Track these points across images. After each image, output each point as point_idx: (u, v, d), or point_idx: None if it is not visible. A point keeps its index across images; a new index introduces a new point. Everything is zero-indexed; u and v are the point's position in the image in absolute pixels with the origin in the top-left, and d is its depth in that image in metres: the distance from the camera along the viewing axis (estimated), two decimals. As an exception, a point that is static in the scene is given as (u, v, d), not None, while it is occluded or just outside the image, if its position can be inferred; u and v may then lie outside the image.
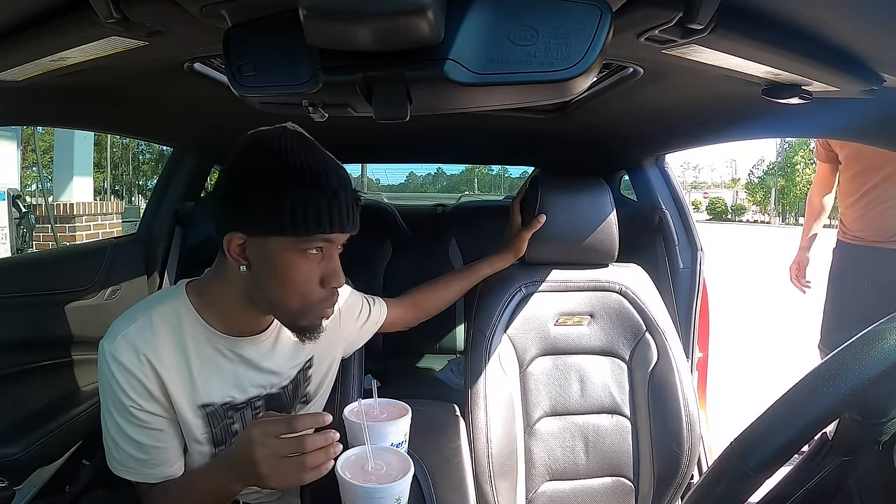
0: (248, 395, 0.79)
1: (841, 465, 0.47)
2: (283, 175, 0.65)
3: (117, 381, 0.70)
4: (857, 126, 0.81)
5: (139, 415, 0.71)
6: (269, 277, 0.69)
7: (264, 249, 0.68)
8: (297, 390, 0.86)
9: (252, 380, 0.79)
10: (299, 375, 0.85)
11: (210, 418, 0.76)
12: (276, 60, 0.54)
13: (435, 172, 8.44)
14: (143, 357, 0.70)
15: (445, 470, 0.88)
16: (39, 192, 5.41)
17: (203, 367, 0.74)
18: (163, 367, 0.71)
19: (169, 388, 0.72)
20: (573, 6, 0.47)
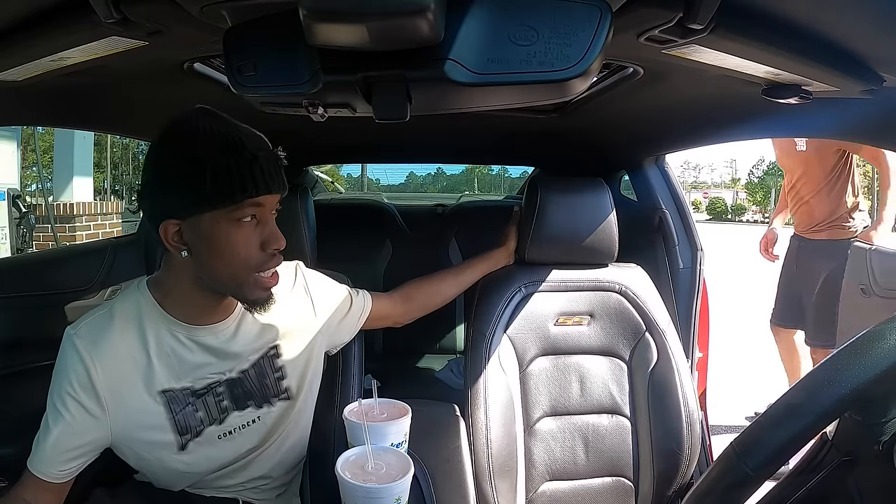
0: (208, 381, 0.79)
1: (841, 465, 0.47)
2: (200, 150, 0.66)
3: (66, 363, 0.73)
4: (857, 126, 0.81)
5: (69, 403, 0.72)
6: (211, 255, 0.70)
7: (199, 229, 0.69)
8: (265, 380, 0.84)
9: (212, 367, 0.79)
10: (264, 362, 0.83)
11: (170, 404, 0.76)
12: (276, 60, 0.54)
13: (435, 172, 8.42)
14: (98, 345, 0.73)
15: (445, 470, 0.88)
16: (39, 192, 5.41)
17: (162, 355, 0.75)
18: (116, 357, 0.73)
19: (121, 378, 0.74)
20: (573, 6, 0.47)
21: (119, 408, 0.74)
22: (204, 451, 0.81)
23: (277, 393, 0.86)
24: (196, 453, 0.80)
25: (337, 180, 4.06)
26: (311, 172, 2.44)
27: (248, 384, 0.83)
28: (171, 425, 0.77)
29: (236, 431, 0.83)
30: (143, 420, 0.76)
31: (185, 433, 0.78)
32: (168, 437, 0.77)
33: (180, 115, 0.71)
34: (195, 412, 0.79)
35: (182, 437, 0.78)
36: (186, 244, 0.70)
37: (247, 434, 0.84)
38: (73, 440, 0.73)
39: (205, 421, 0.79)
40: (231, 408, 0.82)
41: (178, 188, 0.67)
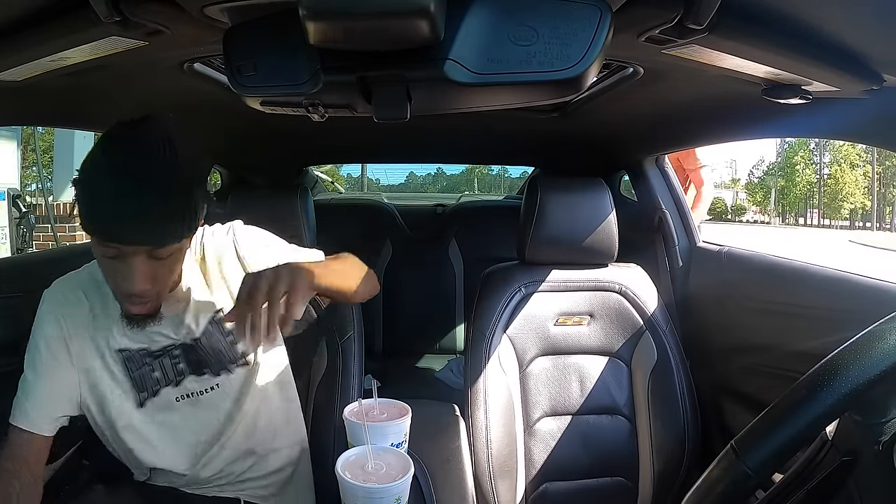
0: (162, 343, 0.81)
1: (841, 465, 0.47)
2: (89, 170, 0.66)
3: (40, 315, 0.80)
4: (857, 126, 0.81)
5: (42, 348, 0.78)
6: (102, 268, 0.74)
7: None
8: (218, 346, 0.84)
9: (165, 330, 0.81)
10: (212, 328, 0.83)
11: (127, 362, 0.80)
12: (276, 60, 0.54)
13: (435, 172, 8.44)
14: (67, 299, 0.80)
15: (445, 470, 0.88)
16: (39, 191, 5.41)
17: (120, 320, 0.78)
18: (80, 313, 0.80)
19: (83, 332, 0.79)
20: (573, 6, 0.47)
21: (83, 359, 0.79)
22: (165, 416, 0.82)
23: (234, 359, 0.85)
24: (156, 417, 0.82)
25: (337, 180, 4.06)
26: (311, 172, 2.44)
27: (202, 351, 0.83)
28: (128, 381, 0.80)
29: (194, 396, 0.83)
30: (104, 375, 0.80)
31: (143, 391, 0.81)
32: (126, 391, 0.80)
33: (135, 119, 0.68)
34: (151, 372, 0.81)
35: (139, 393, 0.81)
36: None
37: (209, 402, 0.84)
38: (52, 385, 0.77)
39: (161, 381, 0.81)
40: (187, 371, 0.83)
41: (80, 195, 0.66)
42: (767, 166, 35.19)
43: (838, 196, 29.32)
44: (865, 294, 0.86)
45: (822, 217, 31.19)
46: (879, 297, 0.83)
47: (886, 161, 28.05)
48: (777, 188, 33.39)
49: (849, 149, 28.39)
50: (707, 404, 1.16)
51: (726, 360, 1.15)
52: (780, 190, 33.17)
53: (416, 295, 2.02)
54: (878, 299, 0.83)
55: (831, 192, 29.80)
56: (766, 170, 35.14)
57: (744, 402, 1.11)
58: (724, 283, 1.18)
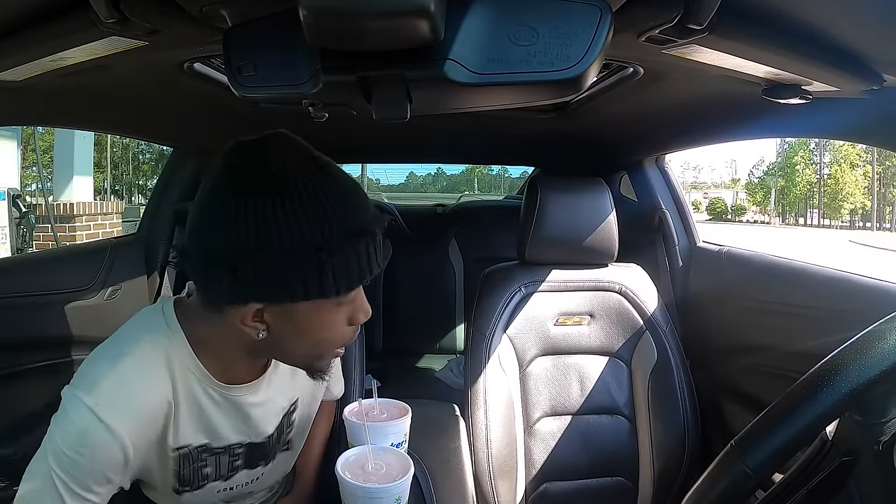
0: (229, 441, 0.70)
1: (841, 465, 0.47)
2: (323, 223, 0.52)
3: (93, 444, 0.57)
4: (857, 126, 0.81)
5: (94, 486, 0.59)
6: (297, 338, 0.61)
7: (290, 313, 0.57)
8: (281, 437, 0.76)
9: (236, 427, 0.70)
10: (284, 420, 0.75)
11: (182, 460, 0.67)
12: (277, 60, 0.54)
13: (435, 172, 8.45)
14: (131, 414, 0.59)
15: (445, 470, 0.88)
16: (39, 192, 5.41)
17: (188, 410, 0.65)
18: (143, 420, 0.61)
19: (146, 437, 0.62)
20: (573, 6, 0.47)
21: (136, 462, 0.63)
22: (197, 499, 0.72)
23: (282, 446, 0.78)
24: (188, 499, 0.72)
25: (337, 180, 4.04)
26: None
27: (268, 448, 0.74)
28: (175, 474, 0.68)
29: (238, 488, 0.75)
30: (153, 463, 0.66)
31: (185, 485, 0.69)
32: (167, 482, 0.68)
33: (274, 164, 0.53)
34: (203, 468, 0.69)
35: (181, 486, 0.69)
36: (267, 324, 0.58)
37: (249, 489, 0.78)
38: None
39: (210, 476, 0.70)
40: (241, 467, 0.73)
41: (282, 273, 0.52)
42: (767, 166, 35.21)
43: (838, 196, 29.31)
44: (865, 294, 0.86)
45: (822, 217, 31.19)
46: (879, 297, 0.83)
47: (886, 161, 28.04)
48: (777, 188, 33.39)
49: (849, 149, 28.39)
50: (707, 404, 1.16)
51: (726, 360, 1.15)
52: (780, 190, 33.17)
53: (416, 295, 2.02)
54: (878, 299, 0.83)
55: (831, 192, 29.80)
56: (766, 170, 35.15)
57: (744, 402, 1.11)
58: (724, 283, 1.18)
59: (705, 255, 1.29)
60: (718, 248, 1.25)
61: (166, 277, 1.41)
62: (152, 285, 1.39)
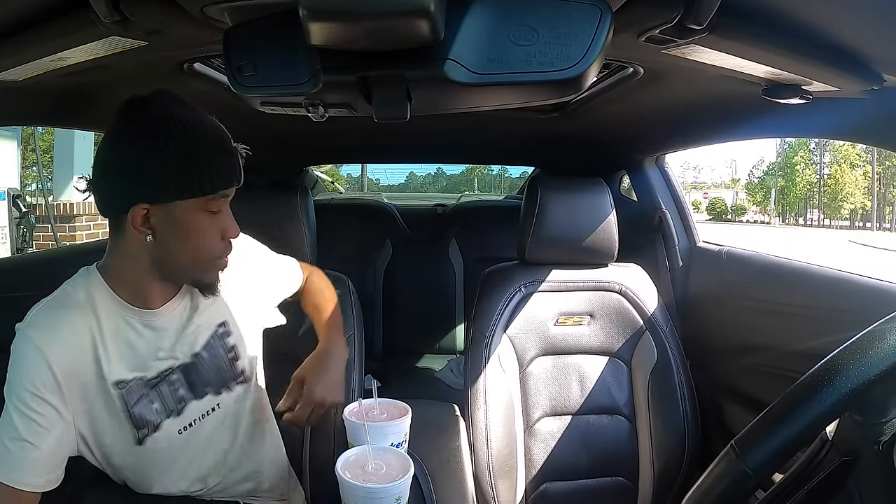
0: (160, 367, 0.75)
1: (841, 465, 0.47)
2: (186, 140, 0.67)
3: (23, 359, 0.68)
4: (857, 126, 0.81)
5: (31, 402, 0.67)
6: (178, 241, 0.71)
7: (171, 215, 0.68)
8: (220, 362, 0.80)
9: (164, 352, 0.75)
10: (214, 342, 0.80)
11: (126, 397, 0.72)
12: (277, 60, 0.54)
13: (435, 172, 8.45)
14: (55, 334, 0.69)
15: (445, 470, 0.88)
16: (39, 192, 5.41)
17: (115, 343, 0.72)
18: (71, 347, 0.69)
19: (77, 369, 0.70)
20: (573, 6, 0.47)
21: (78, 401, 0.70)
22: (166, 450, 0.76)
23: (234, 376, 0.81)
24: (156, 450, 0.75)
25: (337, 180, 4.06)
26: (311, 172, 2.44)
27: (203, 368, 0.78)
28: (126, 417, 0.72)
29: (196, 423, 0.78)
30: (101, 413, 0.72)
31: (142, 427, 0.73)
32: (126, 431, 0.73)
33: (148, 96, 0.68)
34: (150, 404, 0.74)
35: (139, 430, 0.73)
36: (153, 229, 0.69)
37: (209, 425, 0.79)
38: (46, 444, 0.68)
39: (161, 413, 0.74)
40: (189, 397, 0.77)
41: (159, 174, 0.66)
42: (767, 166, 35.21)
43: (838, 196, 29.30)
44: (865, 294, 0.86)
45: (822, 217, 31.21)
46: (879, 297, 0.83)
47: (886, 161, 28.03)
48: (777, 188, 33.39)
49: (849, 149, 28.37)
50: (707, 404, 1.16)
51: (726, 360, 1.15)
52: (780, 190, 33.18)
53: (416, 295, 2.02)
54: (878, 299, 0.83)
55: (831, 192, 29.79)
56: (766, 170, 35.15)
57: (744, 402, 1.11)
58: (724, 283, 1.18)
59: (705, 255, 1.29)
60: (718, 248, 1.25)
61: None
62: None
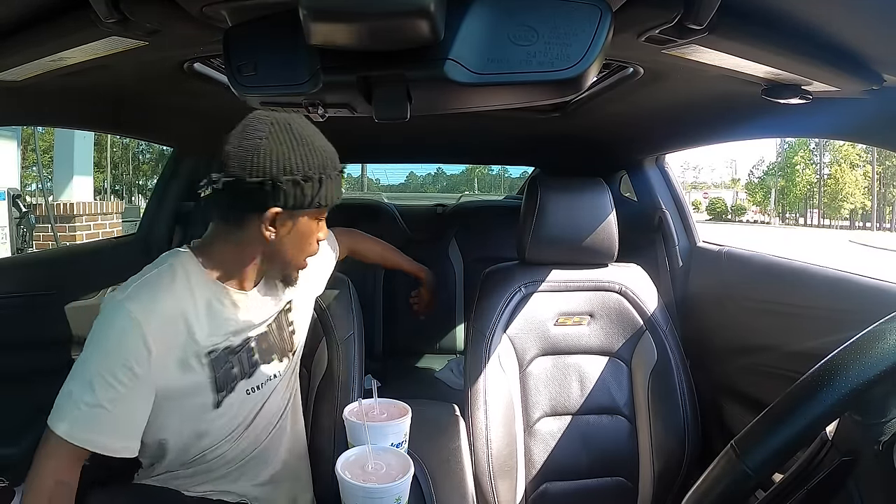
0: (243, 336, 0.85)
1: (841, 465, 0.47)
2: (314, 158, 0.78)
3: (118, 330, 0.73)
4: (857, 126, 0.81)
5: (118, 372, 0.72)
6: (292, 242, 0.82)
7: (293, 220, 0.80)
8: (283, 333, 0.92)
9: (248, 323, 0.86)
10: (281, 316, 0.91)
11: (214, 364, 0.81)
12: (277, 60, 0.54)
13: (435, 172, 8.46)
14: (154, 309, 0.75)
15: (445, 470, 0.88)
16: (39, 191, 5.41)
17: (207, 317, 0.80)
18: (167, 321, 0.76)
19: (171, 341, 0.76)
20: (573, 6, 0.47)
21: (164, 371, 0.76)
22: (234, 408, 0.84)
23: (291, 347, 0.93)
24: (227, 410, 0.84)
25: (337, 180, 4.05)
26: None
27: (272, 337, 0.89)
28: (211, 384, 0.81)
29: (262, 386, 0.88)
30: (186, 382, 0.79)
31: (222, 390, 0.82)
32: (207, 397, 0.81)
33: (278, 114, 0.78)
34: (231, 369, 0.84)
35: (219, 394, 0.82)
36: (276, 230, 0.79)
37: (268, 389, 0.89)
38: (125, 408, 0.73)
39: (237, 376, 0.84)
40: (259, 361, 0.87)
41: (296, 186, 0.76)
42: (767, 166, 35.21)
43: (838, 196, 29.29)
44: (865, 294, 0.86)
45: (822, 217, 31.19)
46: (879, 297, 0.83)
47: (886, 161, 28.01)
48: (777, 188, 33.39)
49: (849, 149, 28.36)
50: (707, 404, 1.16)
51: (726, 360, 1.15)
52: (780, 190, 33.18)
53: (417, 295, 2.01)
54: (878, 299, 0.83)
55: (831, 192, 29.78)
56: (766, 170, 35.15)
57: (744, 402, 1.11)
58: (724, 283, 1.18)
59: (705, 255, 1.29)
60: (718, 249, 1.25)
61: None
62: (152, 285, 1.39)
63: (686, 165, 41.19)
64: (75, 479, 0.72)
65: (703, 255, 1.30)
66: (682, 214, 1.41)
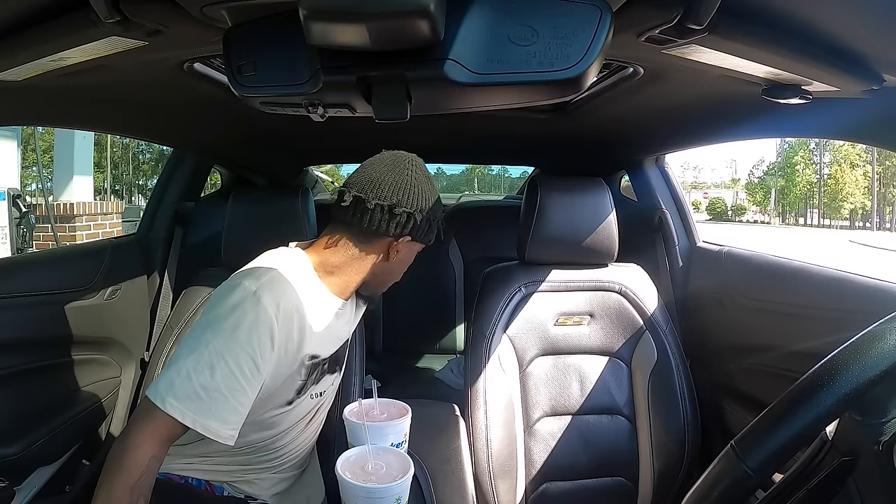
0: (336, 346, 0.90)
1: (841, 465, 0.47)
2: (438, 203, 0.88)
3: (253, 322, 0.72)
4: (857, 126, 0.81)
5: (244, 363, 0.71)
6: (398, 266, 0.89)
7: (409, 249, 0.88)
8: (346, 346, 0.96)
9: (343, 333, 0.91)
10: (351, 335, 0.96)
11: (311, 370, 0.84)
12: (277, 60, 0.54)
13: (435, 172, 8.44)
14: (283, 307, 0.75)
15: (445, 470, 0.88)
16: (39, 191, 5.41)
17: (318, 323, 0.82)
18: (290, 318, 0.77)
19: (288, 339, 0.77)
20: (573, 6, 0.47)
21: (275, 368, 0.76)
22: (298, 409, 0.87)
23: (342, 359, 0.96)
24: (294, 409, 0.86)
25: (337, 180, 4.06)
26: (311, 172, 2.44)
27: (341, 352, 0.94)
28: (299, 387, 0.83)
29: (324, 393, 0.91)
30: (283, 381, 0.80)
31: (301, 392, 0.84)
32: (290, 395, 0.83)
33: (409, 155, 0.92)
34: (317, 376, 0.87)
35: (298, 395, 0.84)
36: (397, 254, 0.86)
37: (325, 397, 0.92)
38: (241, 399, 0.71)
39: (308, 388, 0.86)
40: (326, 371, 0.89)
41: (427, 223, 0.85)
42: (767, 166, 35.21)
43: (838, 196, 29.28)
44: (865, 294, 0.86)
45: (822, 217, 31.19)
46: (879, 297, 0.83)
47: (886, 161, 28.00)
48: (777, 188, 33.40)
49: (849, 149, 28.34)
50: (707, 404, 1.16)
51: (726, 360, 1.15)
52: (780, 190, 33.18)
53: (416, 295, 2.02)
54: (878, 299, 0.83)
55: (831, 192, 29.77)
56: (766, 170, 35.15)
57: (744, 402, 1.11)
58: (724, 283, 1.18)
59: (705, 255, 1.29)
60: (718, 248, 1.25)
61: (166, 277, 1.40)
62: (152, 285, 1.39)
63: (686, 165, 41.21)
64: (165, 455, 0.69)
65: (703, 255, 1.30)
66: (682, 214, 1.41)
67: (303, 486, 0.96)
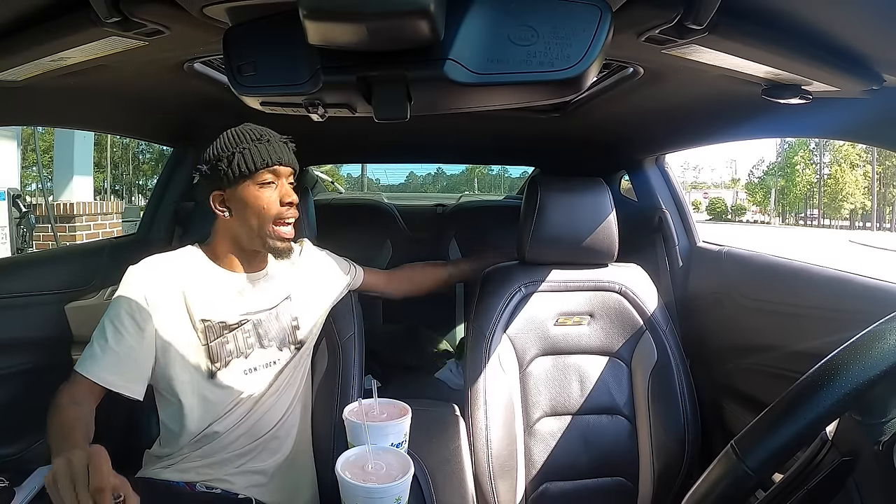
0: (237, 318, 0.94)
1: (841, 465, 0.47)
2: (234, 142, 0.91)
3: (125, 288, 0.89)
4: (857, 126, 0.81)
5: (124, 319, 0.87)
6: (246, 212, 0.92)
7: (236, 195, 0.92)
8: (283, 324, 0.98)
9: (243, 306, 0.95)
10: (280, 308, 0.99)
11: (207, 332, 0.91)
12: (277, 60, 0.54)
13: (435, 172, 8.47)
14: (153, 275, 0.91)
15: (445, 470, 0.88)
16: (39, 191, 5.41)
17: (205, 290, 0.93)
18: (166, 286, 0.90)
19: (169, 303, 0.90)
20: (573, 6, 0.47)
21: (165, 328, 0.89)
22: (232, 384, 0.91)
23: (294, 341, 0.99)
24: (224, 383, 0.91)
25: (337, 180, 4.06)
26: (311, 172, 2.44)
27: (270, 325, 0.97)
28: (205, 351, 0.91)
29: (259, 369, 0.94)
30: (182, 343, 0.90)
31: (216, 361, 0.91)
32: (202, 361, 0.90)
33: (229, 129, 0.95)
34: (226, 344, 0.92)
35: (213, 364, 0.91)
36: (228, 208, 0.93)
37: (264, 374, 0.95)
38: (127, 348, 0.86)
39: (233, 353, 0.92)
40: (255, 344, 0.95)
41: (221, 169, 0.90)
42: (767, 166, 35.23)
43: (838, 196, 29.28)
44: (865, 294, 0.86)
45: (822, 217, 31.19)
46: (879, 297, 0.83)
47: (886, 161, 27.99)
48: (777, 188, 33.40)
49: (849, 149, 28.34)
50: (707, 404, 1.16)
51: (726, 360, 1.15)
52: (780, 190, 33.19)
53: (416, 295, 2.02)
54: (878, 299, 0.83)
55: (831, 192, 29.77)
56: (766, 170, 35.16)
57: (744, 402, 1.11)
58: (724, 283, 1.18)
59: (705, 255, 1.29)
60: (718, 248, 1.25)
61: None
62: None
63: (686, 165, 41.21)
64: (88, 407, 0.81)
65: (703, 255, 1.30)
66: (682, 214, 1.41)
67: (287, 477, 0.96)
